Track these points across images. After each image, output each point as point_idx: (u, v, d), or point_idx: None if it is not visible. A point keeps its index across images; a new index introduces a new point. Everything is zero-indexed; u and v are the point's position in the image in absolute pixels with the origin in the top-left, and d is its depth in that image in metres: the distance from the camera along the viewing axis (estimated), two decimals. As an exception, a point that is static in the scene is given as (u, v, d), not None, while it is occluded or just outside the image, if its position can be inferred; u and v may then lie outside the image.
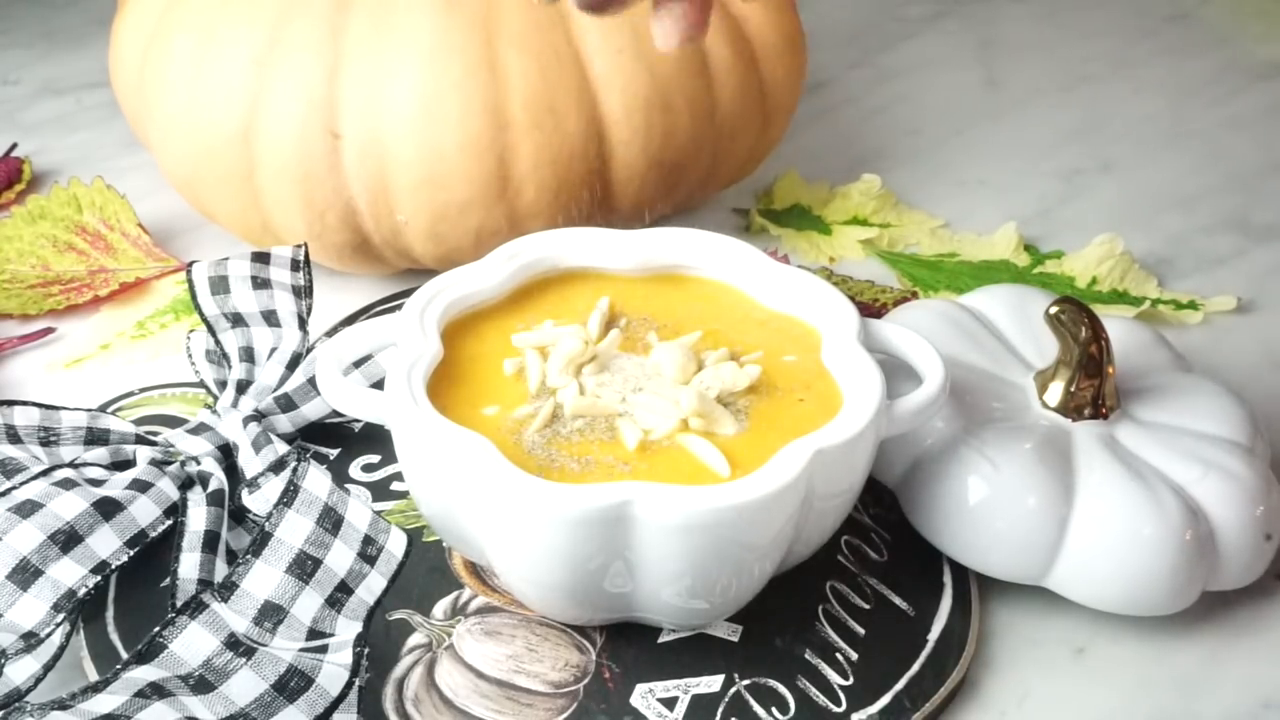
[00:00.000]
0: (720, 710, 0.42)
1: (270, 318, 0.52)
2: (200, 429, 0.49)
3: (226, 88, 0.56)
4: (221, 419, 0.49)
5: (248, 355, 0.52)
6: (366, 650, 0.40)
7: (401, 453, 0.42)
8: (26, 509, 0.42)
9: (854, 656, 0.44)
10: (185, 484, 0.47)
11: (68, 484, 0.44)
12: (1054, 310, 0.47)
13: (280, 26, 0.56)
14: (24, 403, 0.48)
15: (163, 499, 0.45)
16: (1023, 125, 0.81)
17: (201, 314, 0.52)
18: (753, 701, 0.42)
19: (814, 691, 0.42)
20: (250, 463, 0.47)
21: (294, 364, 0.51)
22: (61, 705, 0.35)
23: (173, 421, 0.53)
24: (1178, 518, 0.43)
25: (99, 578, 0.42)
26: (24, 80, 0.87)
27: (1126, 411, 0.48)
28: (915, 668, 0.43)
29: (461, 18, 0.55)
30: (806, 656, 0.43)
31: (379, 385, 0.43)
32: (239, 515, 0.47)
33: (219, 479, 0.47)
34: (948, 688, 0.43)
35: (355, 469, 0.51)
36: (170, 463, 0.47)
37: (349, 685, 0.38)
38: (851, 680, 0.43)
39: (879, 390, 0.41)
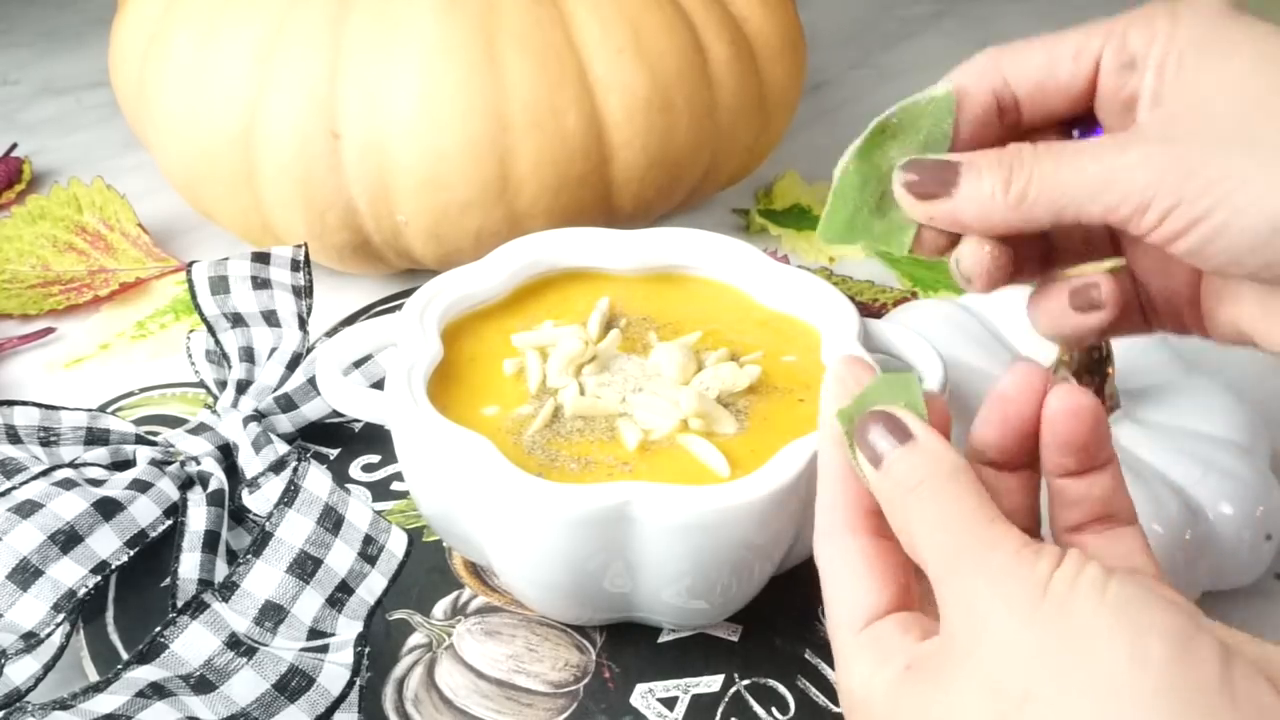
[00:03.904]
0: (720, 710, 0.42)
1: (270, 318, 0.52)
2: (200, 429, 0.49)
3: (226, 88, 0.56)
4: (221, 419, 0.49)
5: (248, 355, 0.52)
6: (367, 650, 0.40)
7: (401, 453, 0.42)
8: (26, 509, 0.42)
9: (854, 656, 0.44)
10: (185, 484, 0.47)
11: (68, 484, 0.44)
12: (1054, 310, 0.47)
13: (280, 27, 0.56)
14: (24, 403, 0.48)
15: (163, 499, 0.45)
16: (1022, 125, 0.81)
17: (201, 314, 0.52)
18: (753, 701, 0.42)
19: (814, 691, 0.42)
20: (250, 463, 0.47)
21: (294, 364, 0.51)
22: (63, 705, 0.35)
23: (173, 421, 0.53)
24: (1178, 518, 0.43)
25: (99, 578, 0.42)
26: (24, 80, 0.87)
27: (1127, 411, 0.48)
28: (915, 668, 0.43)
29: (461, 18, 0.55)
30: (806, 656, 0.43)
31: (379, 385, 0.43)
32: (239, 515, 0.47)
33: (219, 479, 0.47)
34: (948, 688, 0.43)
35: (355, 469, 0.51)
36: (170, 463, 0.47)
37: (350, 685, 0.39)
38: (851, 680, 0.43)
39: (879, 390, 0.41)
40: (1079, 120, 0.37)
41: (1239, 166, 0.31)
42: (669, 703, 0.42)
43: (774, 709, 0.42)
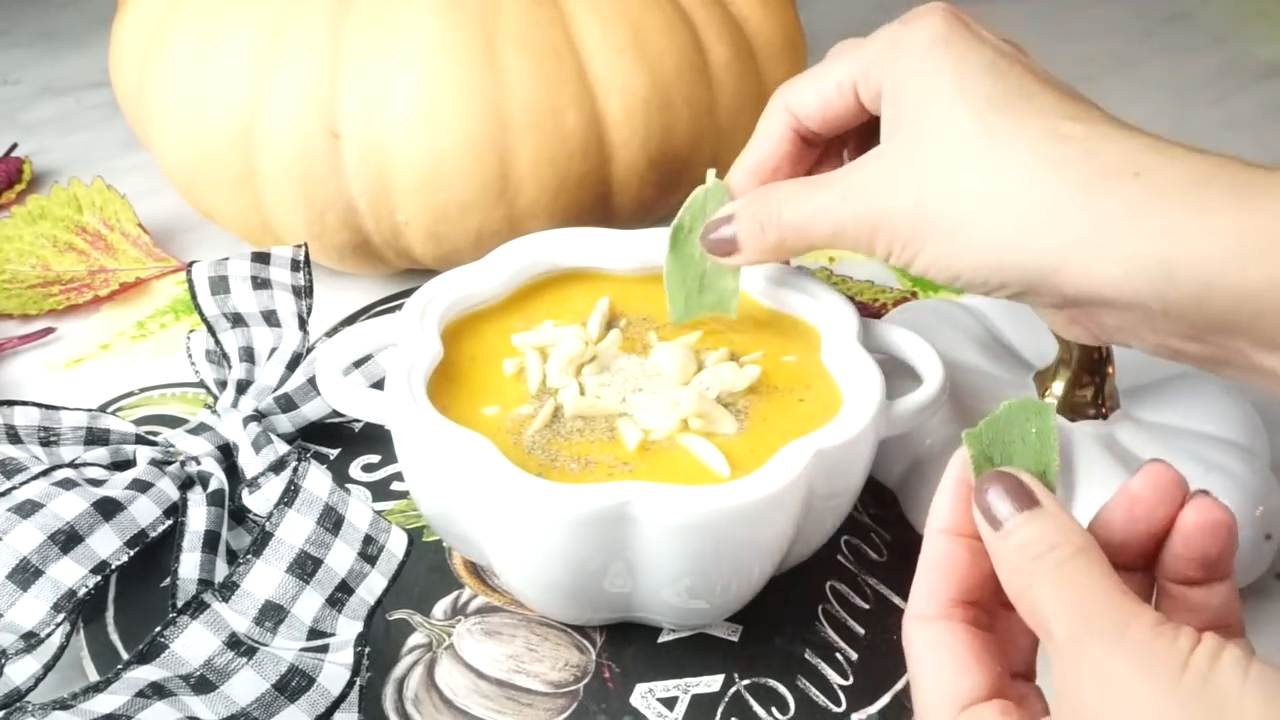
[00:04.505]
0: (720, 710, 0.42)
1: (270, 318, 0.52)
2: (200, 429, 0.49)
3: (226, 88, 0.56)
4: (221, 419, 0.49)
5: (248, 355, 0.52)
6: (368, 650, 0.40)
7: (401, 453, 0.42)
8: (26, 509, 0.42)
9: (854, 656, 0.44)
10: (185, 484, 0.47)
11: (68, 484, 0.44)
12: (1054, 310, 0.47)
13: (280, 26, 0.56)
14: (24, 403, 0.48)
15: (163, 499, 0.45)
16: (1022, 125, 0.81)
17: (201, 314, 0.52)
18: (753, 701, 0.42)
19: (814, 691, 0.42)
20: (250, 463, 0.47)
21: (294, 364, 0.51)
22: (63, 705, 0.35)
23: (173, 421, 0.53)
24: (1177, 518, 0.43)
25: (99, 578, 0.42)
26: (24, 80, 0.87)
27: (1126, 411, 0.48)
28: (915, 668, 0.43)
29: (461, 17, 0.55)
30: (806, 656, 0.43)
31: (379, 385, 0.43)
32: (239, 515, 0.47)
33: (219, 479, 0.47)
34: (948, 687, 0.43)
35: (355, 469, 0.51)
36: (170, 463, 0.47)
37: (350, 685, 0.39)
38: (851, 680, 0.43)
39: (879, 390, 0.41)
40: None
41: (926, 229, 0.37)
42: (669, 703, 0.42)
43: (774, 709, 0.42)
